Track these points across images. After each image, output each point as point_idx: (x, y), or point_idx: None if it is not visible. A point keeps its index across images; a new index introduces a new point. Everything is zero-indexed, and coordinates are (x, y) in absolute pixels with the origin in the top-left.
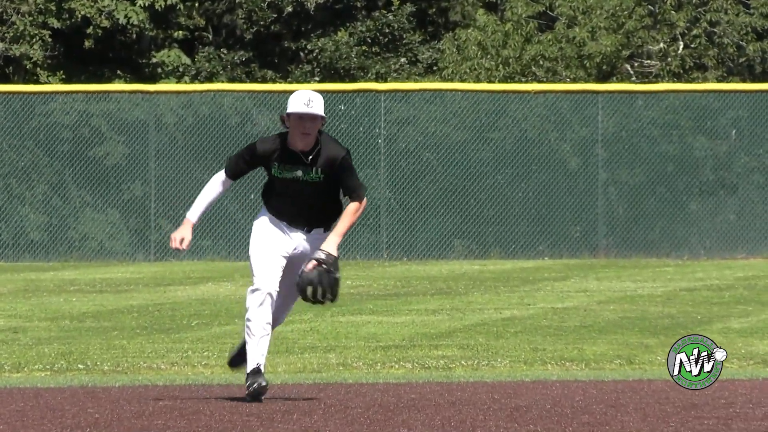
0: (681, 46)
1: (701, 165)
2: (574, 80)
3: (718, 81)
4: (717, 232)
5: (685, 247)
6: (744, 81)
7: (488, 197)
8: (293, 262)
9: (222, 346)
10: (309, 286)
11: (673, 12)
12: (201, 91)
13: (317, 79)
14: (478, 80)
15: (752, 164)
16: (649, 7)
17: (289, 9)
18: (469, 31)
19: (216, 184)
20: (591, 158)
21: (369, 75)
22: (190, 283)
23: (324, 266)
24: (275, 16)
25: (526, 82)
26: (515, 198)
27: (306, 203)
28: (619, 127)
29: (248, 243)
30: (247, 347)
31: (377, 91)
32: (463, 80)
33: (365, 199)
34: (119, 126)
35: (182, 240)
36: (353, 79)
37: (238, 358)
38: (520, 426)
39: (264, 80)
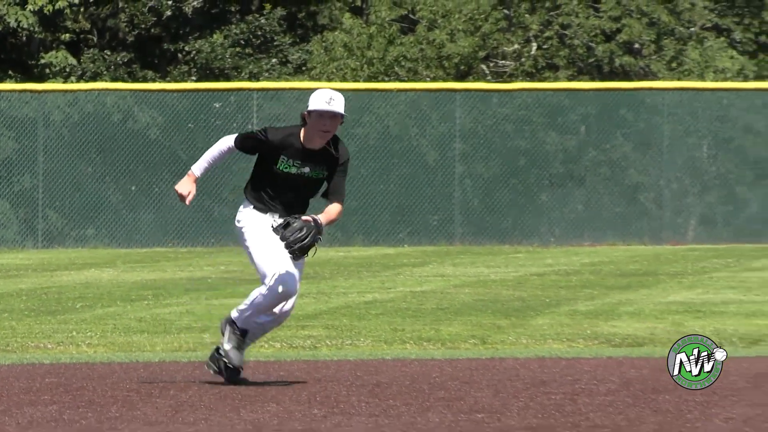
0: (534, 48)
1: (552, 159)
2: (434, 79)
3: (569, 80)
4: (565, 222)
5: (535, 235)
6: (593, 80)
7: (352, 189)
8: None
9: (104, 327)
10: (298, 232)
11: (527, 15)
12: (86, 90)
13: (194, 78)
14: (344, 79)
15: (599, 158)
16: (505, 11)
17: (168, 13)
18: (336, 33)
19: (223, 148)
20: (449, 152)
21: (242, 75)
22: (75, 268)
23: (315, 226)
24: (155, 19)
25: (389, 81)
26: (377, 189)
27: (299, 196)
28: (475, 123)
29: (130, 232)
30: (241, 317)
31: (250, 90)
32: (330, 80)
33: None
34: (9, 123)
35: (189, 194)
36: (227, 79)
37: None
38: (380, 401)
39: (144, 80)
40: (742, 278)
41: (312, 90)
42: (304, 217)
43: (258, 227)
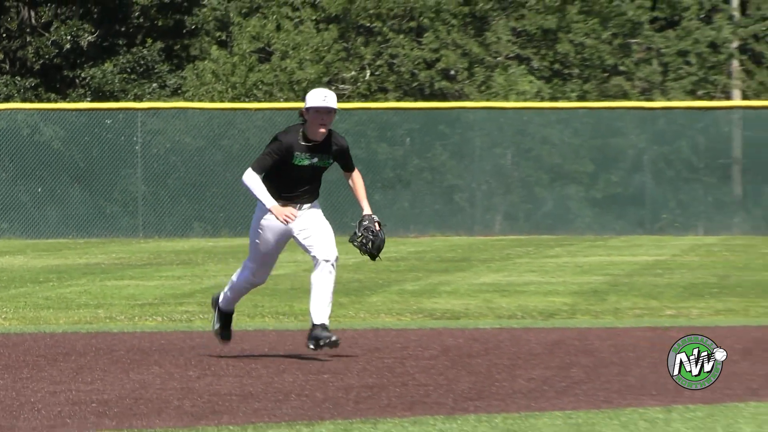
0: (368, 74)
1: (383, 166)
2: (286, 100)
3: (397, 101)
4: (395, 217)
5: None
6: (417, 100)
7: (219, 190)
8: (288, 237)
9: (17, 304)
10: (377, 241)
11: (362, 47)
12: (0, 110)
13: (89, 99)
14: (212, 100)
15: (422, 165)
16: (344, 44)
17: (68, 46)
18: (206, 62)
19: (258, 179)
20: None
21: (129, 96)
22: None
23: (380, 226)
24: (57, 51)
25: (249, 101)
26: (240, 190)
27: (308, 184)
28: None
29: (38, 226)
30: (224, 300)
31: (135, 109)
32: (201, 100)
33: None
34: None
35: (294, 212)
36: (116, 100)
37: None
38: (244, 364)
39: (48, 101)
40: (540, 263)
41: (185, 109)
42: (377, 227)
43: (267, 235)
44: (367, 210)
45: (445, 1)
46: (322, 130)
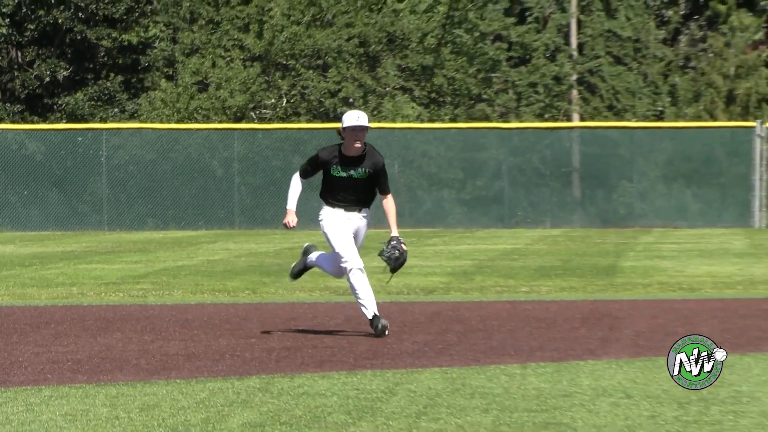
0: (285, 101)
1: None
2: (221, 121)
3: (307, 122)
4: (307, 213)
5: None
6: (323, 122)
7: (168, 192)
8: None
9: (8, 283)
10: (402, 258)
11: (280, 80)
12: None
13: (64, 121)
14: (161, 122)
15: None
16: (265, 77)
17: (47, 79)
18: (156, 92)
19: (298, 183)
20: (230, 169)
21: (96, 119)
22: None
23: (405, 247)
24: (39, 83)
25: (191, 123)
26: (185, 193)
27: (356, 192)
28: (247, 150)
29: (24, 221)
30: (363, 302)
31: (101, 129)
32: (153, 122)
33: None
34: None
35: (293, 222)
36: (86, 121)
37: (299, 274)
38: (188, 331)
39: (32, 122)
40: (421, 251)
41: (140, 129)
42: (403, 247)
43: (333, 222)
44: (395, 232)
45: (345, 44)
46: (357, 144)
